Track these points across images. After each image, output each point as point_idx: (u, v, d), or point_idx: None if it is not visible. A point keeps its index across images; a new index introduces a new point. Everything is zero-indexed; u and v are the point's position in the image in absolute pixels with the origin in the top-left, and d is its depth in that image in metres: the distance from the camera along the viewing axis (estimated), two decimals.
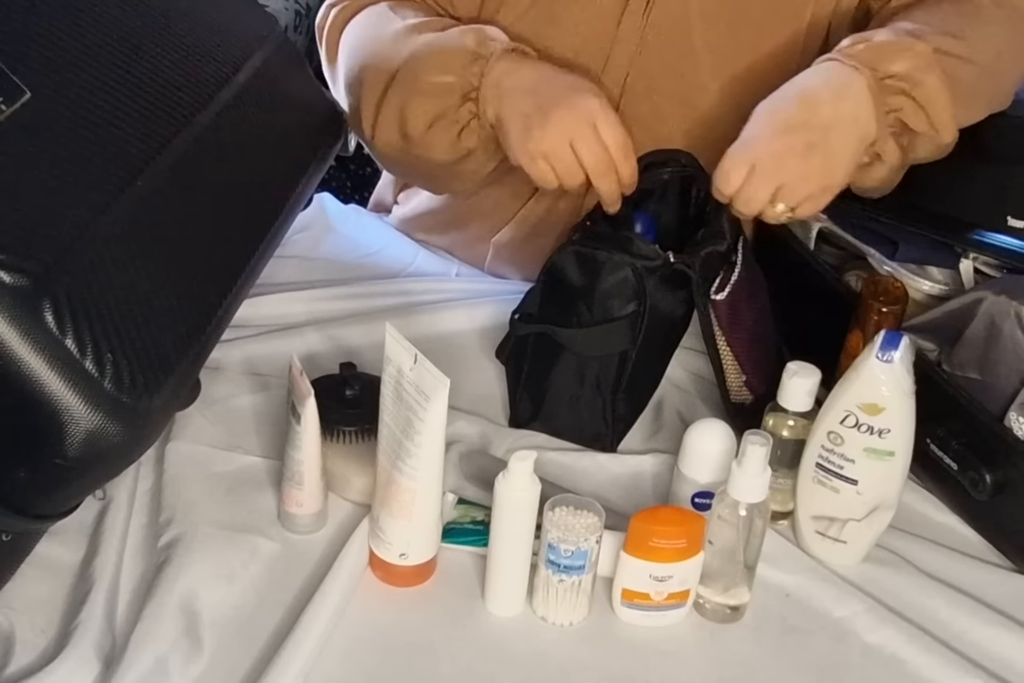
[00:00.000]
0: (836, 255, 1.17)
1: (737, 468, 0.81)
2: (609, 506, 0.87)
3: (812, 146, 0.92)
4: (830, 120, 0.92)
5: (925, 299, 1.10)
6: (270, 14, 1.12)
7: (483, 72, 1.01)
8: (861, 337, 0.97)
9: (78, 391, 0.71)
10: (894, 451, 0.86)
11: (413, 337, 0.81)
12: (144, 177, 0.82)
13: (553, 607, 0.84)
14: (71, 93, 0.81)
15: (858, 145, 0.94)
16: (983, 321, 0.97)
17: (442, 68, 1.03)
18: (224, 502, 0.92)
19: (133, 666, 0.77)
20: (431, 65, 1.04)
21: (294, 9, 1.99)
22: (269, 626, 0.82)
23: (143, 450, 0.78)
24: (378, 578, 0.87)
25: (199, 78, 0.94)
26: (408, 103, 1.05)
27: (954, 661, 0.83)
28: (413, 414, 0.80)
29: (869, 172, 0.99)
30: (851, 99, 0.93)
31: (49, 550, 0.86)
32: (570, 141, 0.96)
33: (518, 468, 0.80)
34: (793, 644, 0.85)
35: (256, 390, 1.04)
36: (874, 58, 0.94)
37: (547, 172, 0.99)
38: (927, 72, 0.94)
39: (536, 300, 1.00)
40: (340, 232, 1.32)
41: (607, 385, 0.99)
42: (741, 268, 1.00)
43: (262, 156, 0.99)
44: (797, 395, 0.89)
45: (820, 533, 0.91)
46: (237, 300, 0.91)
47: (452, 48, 1.04)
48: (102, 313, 0.74)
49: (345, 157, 1.19)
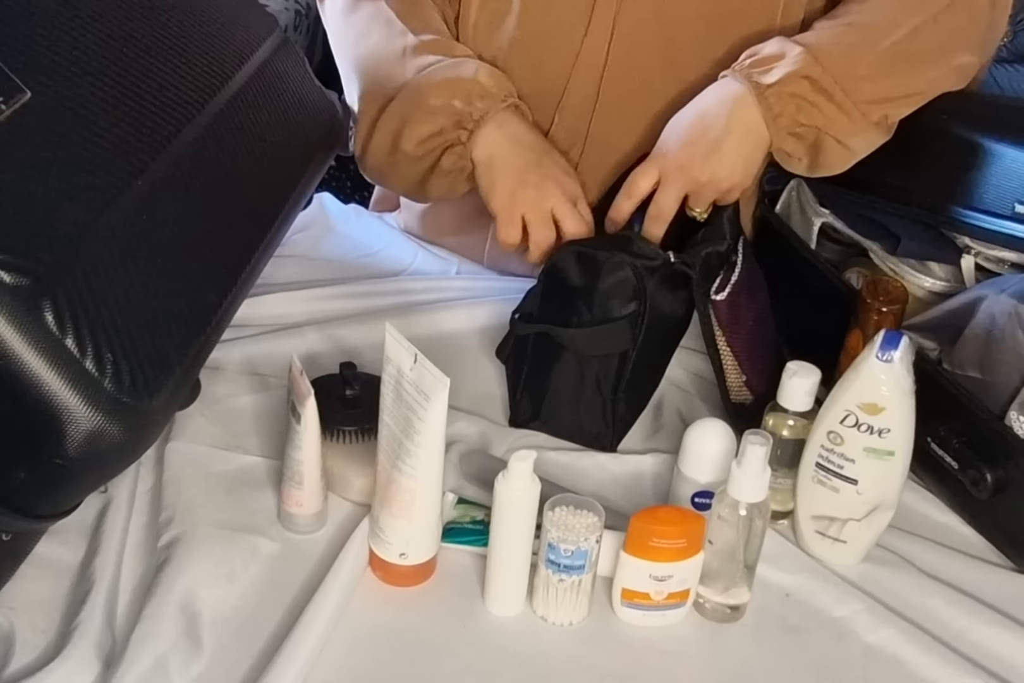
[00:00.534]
0: (837, 252, 1.17)
1: (737, 468, 0.81)
2: (609, 506, 0.87)
3: (708, 156, 1.02)
4: (722, 131, 1.03)
5: (926, 295, 1.10)
6: (270, 14, 1.12)
7: (488, 109, 1.06)
8: (861, 337, 0.97)
9: (78, 391, 0.71)
10: (894, 451, 0.86)
11: (413, 337, 0.81)
12: (144, 177, 0.82)
13: (553, 607, 0.84)
14: (71, 93, 0.81)
15: (754, 149, 1.04)
16: (984, 320, 0.97)
17: (451, 92, 1.06)
18: (224, 502, 0.92)
19: (133, 666, 0.77)
20: (441, 88, 1.07)
21: (294, 9, 1.99)
22: (269, 626, 0.82)
23: (143, 450, 0.78)
24: (378, 578, 0.87)
25: (199, 78, 0.93)
26: (409, 118, 1.08)
27: (954, 661, 0.83)
28: (413, 414, 0.80)
29: (790, 165, 1.09)
30: (739, 110, 1.03)
31: (49, 550, 0.86)
32: (552, 208, 1.05)
33: (518, 468, 0.80)
34: (793, 644, 0.85)
35: (256, 390, 1.04)
36: (753, 71, 1.04)
37: (515, 225, 1.06)
38: (805, 72, 1.02)
39: (536, 300, 1.00)
40: (340, 232, 1.32)
41: (607, 385, 0.99)
42: (741, 268, 1.00)
43: (262, 156, 0.99)
44: (797, 395, 0.89)
45: (820, 533, 0.91)
46: (237, 300, 0.91)
47: (465, 77, 1.08)
48: (102, 313, 0.74)
49: (345, 157, 1.19)
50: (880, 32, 1.06)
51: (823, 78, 1.02)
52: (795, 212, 1.18)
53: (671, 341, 1.05)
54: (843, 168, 1.08)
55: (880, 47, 1.05)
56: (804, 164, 1.08)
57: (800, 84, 1.02)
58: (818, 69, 1.02)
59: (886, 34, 1.05)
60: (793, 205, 1.18)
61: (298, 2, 2.01)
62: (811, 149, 1.06)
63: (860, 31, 1.06)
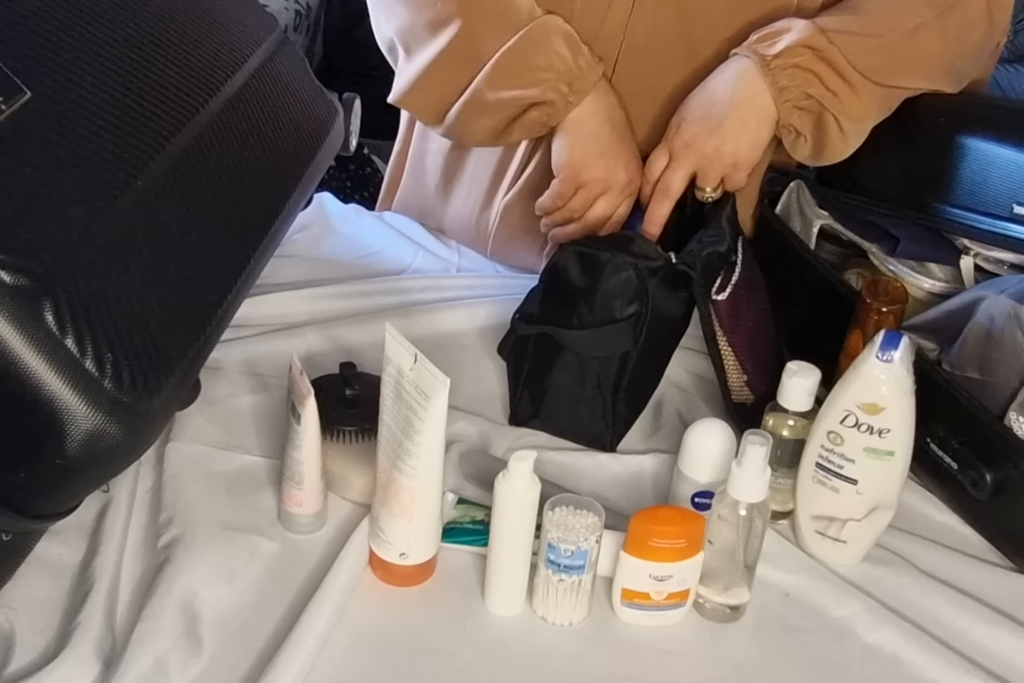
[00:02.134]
0: (837, 253, 1.17)
1: (737, 468, 0.81)
2: (609, 506, 0.87)
3: (713, 132, 1.05)
4: (727, 107, 1.04)
5: (925, 296, 1.10)
6: (270, 14, 1.12)
7: (594, 77, 1.08)
8: (861, 337, 0.97)
9: (78, 391, 0.71)
10: (894, 451, 0.86)
11: (413, 337, 0.81)
12: (144, 177, 0.82)
13: (553, 607, 0.84)
14: (71, 93, 0.81)
15: (759, 124, 1.05)
16: (983, 321, 0.97)
17: (569, 47, 1.07)
18: (224, 502, 0.92)
19: (133, 666, 0.77)
20: (557, 42, 1.07)
21: (294, 9, 1.99)
22: (269, 626, 0.82)
23: (143, 450, 0.78)
24: (378, 578, 0.87)
25: (199, 78, 0.94)
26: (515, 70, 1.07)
27: (954, 661, 0.83)
28: (413, 414, 0.80)
29: (796, 146, 1.09)
30: (744, 85, 1.04)
31: (49, 550, 0.86)
32: (609, 188, 1.10)
33: (518, 468, 0.80)
34: (793, 644, 0.85)
35: (256, 390, 1.04)
36: (760, 45, 1.05)
37: (572, 187, 1.10)
38: (809, 42, 1.03)
39: (537, 300, 1.00)
40: (340, 232, 1.32)
41: (607, 385, 0.99)
42: (741, 268, 1.00)
43: (262, 156, 0.99)
44: (797, 395, 0.89)
45: (820, 533, 0.91)
46: (237, 300, 0.91)
47: (572, 40, 1.08)
48: (102, 313, 0.74)
49: (345, 157, 1.20)
50: (886, 21, 1.07)
51: (828, 49, 1.03)
52: (795, 213, 1.18)
53: (671, 341, 1.05)
54: (846, 153, 1.09)
55: (886, 34, 1.06)
56: (809, 145, 1.08)
57: (804, 53, 1.03)
58: (823, 40, 1.03)
59: (892, 24, 1.07)
60: (793, 207, 1.18)
61: (298, 2, 2.02)
62: (816, 126, 1.07)
63: (867, 18, 1.07)
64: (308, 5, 1.96)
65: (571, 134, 1.09)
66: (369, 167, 1.86)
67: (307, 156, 1.07)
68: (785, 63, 1.03)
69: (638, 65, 1.13)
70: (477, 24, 1.07)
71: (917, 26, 1.07)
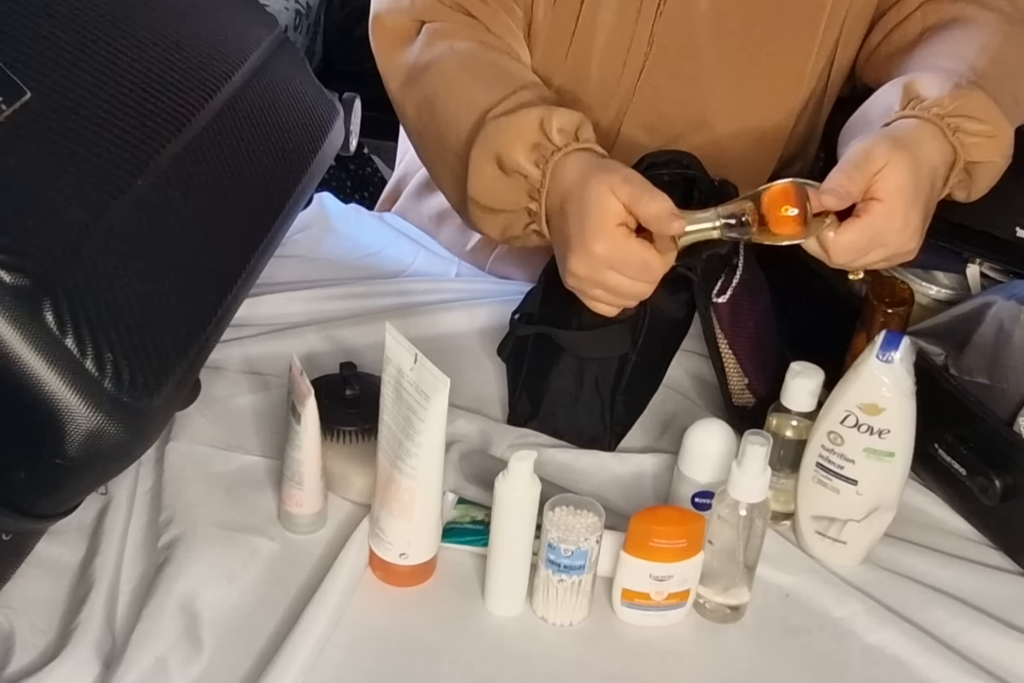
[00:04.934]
0: None
1: (737, 468, 0.81)
2: (609, 506, 0.87)
3: (924, 224, 0.90)
4: (933, 195, 0.91)
5: (932, 304, 1.09)
6: (270, 14, 1.12)
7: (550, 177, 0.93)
8: (867, 339, 0.97)
9: (78, 391, 0.71)
10: (894, 452, 0.86)
11: (413, 337, 0.81)
12: (144, 177, 0.82)
13: (553, 607, 0.84)
14: (71, 93, 0.81)
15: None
16: (992, 326, 0.97)
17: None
18: (224, 502, 0.92)
19: (133, 666, 0.77)
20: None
21: (294, 9, 1.99)
22: (269, 626, 0.82)
23: (143, 450, 0.78)
24: (378, 578, 0.87)
25: (199, 78, 0.94)
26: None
27: (954, 662, 0.83)
28: (413, 414, 0.80)
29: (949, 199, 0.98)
30: (940, 180, 0.92)
31: (49, 550, 0.86)
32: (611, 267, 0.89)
33: (518, 468, 0.80)
34: (793, 644, 0.85)
35: (256, 390, 1.04)
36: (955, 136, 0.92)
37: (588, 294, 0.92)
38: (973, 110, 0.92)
39: (537, 300, 1.00)
40: (340, 232, 1.32)
41: (606, 387, 0.99)
42: (742, 270, 1.00)
43: (262, 156, 0.99)
44: (800, 395, 0.89)
45: (820, 533, 0.91)
46: (237, 300, 0.91)
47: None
48: (102, 313, 0.74)
49: (345, 157, 1.19)
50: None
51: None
52: None
53: (671, 344, 1.05)
54: (992, 183, 0.98)
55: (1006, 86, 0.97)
56: (964, 195, 0.98)
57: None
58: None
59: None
60: None
61: (298, 2, 2.02)
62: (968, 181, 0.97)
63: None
64: (308, 5, 1.96)
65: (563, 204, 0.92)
66: (369, 167, 1.85)
67: (307, 156, 1.07)
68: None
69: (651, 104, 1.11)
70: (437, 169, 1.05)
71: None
